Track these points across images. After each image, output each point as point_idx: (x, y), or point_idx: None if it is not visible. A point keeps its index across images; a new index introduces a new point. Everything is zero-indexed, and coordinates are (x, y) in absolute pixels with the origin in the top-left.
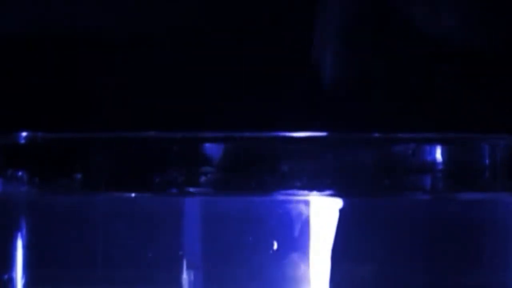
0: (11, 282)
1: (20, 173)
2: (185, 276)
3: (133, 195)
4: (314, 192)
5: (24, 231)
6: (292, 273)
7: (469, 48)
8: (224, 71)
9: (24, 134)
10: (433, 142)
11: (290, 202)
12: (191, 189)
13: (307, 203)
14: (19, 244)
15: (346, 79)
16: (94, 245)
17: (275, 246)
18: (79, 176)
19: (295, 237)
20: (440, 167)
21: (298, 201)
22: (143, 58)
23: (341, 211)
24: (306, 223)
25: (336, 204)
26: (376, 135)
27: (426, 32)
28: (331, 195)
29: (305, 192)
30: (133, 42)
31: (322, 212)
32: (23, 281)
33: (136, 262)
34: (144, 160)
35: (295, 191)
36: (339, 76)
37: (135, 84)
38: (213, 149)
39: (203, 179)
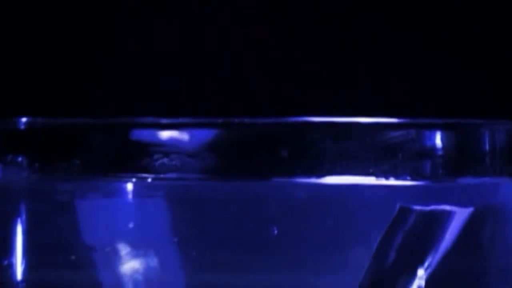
0: (10, 267)
1: (20, 159)
2: (180, 261)
3: (133, 180)
4: (313, 178)
5: (23, 216)
6: (294, 259)
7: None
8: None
9: (24, 119)
10: (433, 127)
11: (290, 187)
12: (191, 175)
13: (306, 188)
14: (19, 229)
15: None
16: (93, 230)
17: (275, 231)
18: (78, 161)
19: (295, 223)
20: (440, 152)
21: (298, 186)
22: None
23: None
24: (305, 209)
25: (336, 189)
26: (376, 121)
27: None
28: (333, 180)
29: (305, 177)
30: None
31: (321, 198)
32: (22, 266)
33: (133, 248)
34: (144, 146)
35: (294, 176)
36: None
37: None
38: (211, 135)
39: (202, 164)
